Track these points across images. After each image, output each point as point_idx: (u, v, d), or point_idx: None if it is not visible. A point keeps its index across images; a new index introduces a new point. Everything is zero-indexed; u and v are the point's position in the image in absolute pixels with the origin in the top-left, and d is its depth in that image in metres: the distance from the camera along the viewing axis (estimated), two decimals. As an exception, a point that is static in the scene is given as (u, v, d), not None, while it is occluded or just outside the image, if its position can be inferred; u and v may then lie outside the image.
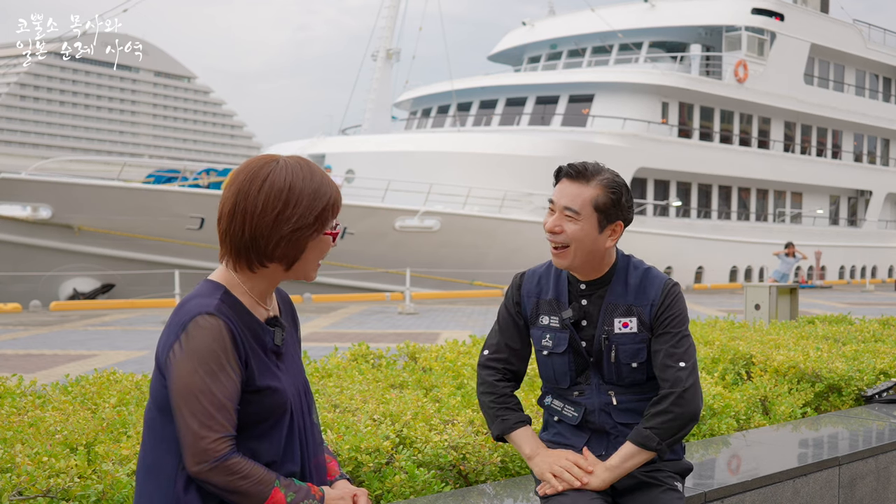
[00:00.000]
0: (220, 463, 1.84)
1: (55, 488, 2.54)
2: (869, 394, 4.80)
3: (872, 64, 36.95)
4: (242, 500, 1.89)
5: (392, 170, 24.14)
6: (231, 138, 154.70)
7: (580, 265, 2.52)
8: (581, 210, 2.47)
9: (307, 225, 1.95)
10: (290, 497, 1.91)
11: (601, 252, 2.51)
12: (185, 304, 1.94)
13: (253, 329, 1.98)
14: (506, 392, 2.64)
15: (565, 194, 2.50)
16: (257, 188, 1.94)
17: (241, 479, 1.86)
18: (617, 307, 2.53)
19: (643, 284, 2.55)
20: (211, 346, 1.86)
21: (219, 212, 2.01)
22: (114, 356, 10.27)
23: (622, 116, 28.09)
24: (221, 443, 1.85)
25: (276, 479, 1.91)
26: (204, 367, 1.85)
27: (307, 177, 1.97)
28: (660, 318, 2.51)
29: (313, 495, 1.96)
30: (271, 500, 1.89)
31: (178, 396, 1.86)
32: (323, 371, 4.44)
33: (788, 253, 24.56)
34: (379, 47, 30.79)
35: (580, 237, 2.47)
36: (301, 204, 1.94)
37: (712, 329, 6.34)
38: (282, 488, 1.91)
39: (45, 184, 19.41)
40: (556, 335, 2.58)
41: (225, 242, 1.99)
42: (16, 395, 3.70)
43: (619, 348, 2.52)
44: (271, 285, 2.05)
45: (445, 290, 22.85)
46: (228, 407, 1.87)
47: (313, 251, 2.00)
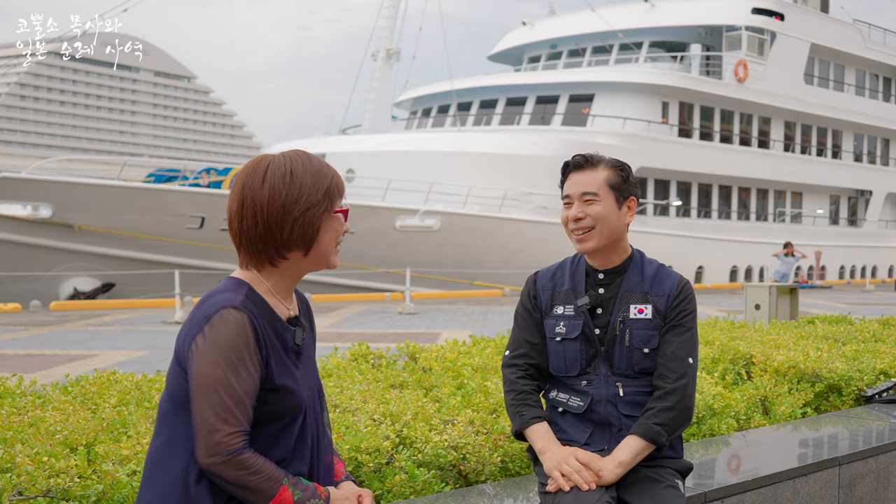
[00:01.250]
0: (233, 457, 1.85)
1: (55, 488, 2.54)
2: (869, 394, 4.80)
3: (872, 64, 36.95)
4: (251, 495, 1.89)
5: (392, 169, 24.14)
6: (231, 138, 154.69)
7: (604, 246, 2.63)
8: (599, 190, 2.62)
9: (317, 203, 1.99)
10: (297, 495, 1.92)
11: (622, 230, 2.64)
12: (210, 297, 1.95)
13: (275, 327, 2.00)
14: (525, 389, 2.69)
15: (580, 182, 2.64)
16: (260, 180, 1.98)
17: (251, 474, 1.87)
18: (633, 294, 2.64)
19: (659, 276, 2.66)
20: (234, 339, 1.88)
21: (228, 215, 2.03)
22: (114, 356, 10.27)
23: (622, 116, 28.10)
24: (235, 437, 1.86)
25: (285, 477, 1.92)
26: (226, 360, 1.87)
27: (306, 161, 2.02)
28: (675, 310, 2.62)
29: (319, 495, 1.97)
30: (279, 498, 1.90)
31: (197, 387, 1.87)
32: (323, 371, 4.44)
33: (787, 253, 24.57)
34: (379, 47, 30.79)
35: (604, 215, 2.60)
36: (306, 184, 1.98)
37: (712, 329, 6.34)
38: (290, 486, 1.92)
39: (45, 183, 19.41)
40: (569, 322, 2.66)
41: (241, 243, 2.01)
42: (16, 395, 3.70)
43: (634, 333, 2.60)
44: (293, 280, 2.07)
45: (445, 290, 22.85)
46: (246, 402, 1.89)
47: (328, 232, 2.03)
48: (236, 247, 2.03)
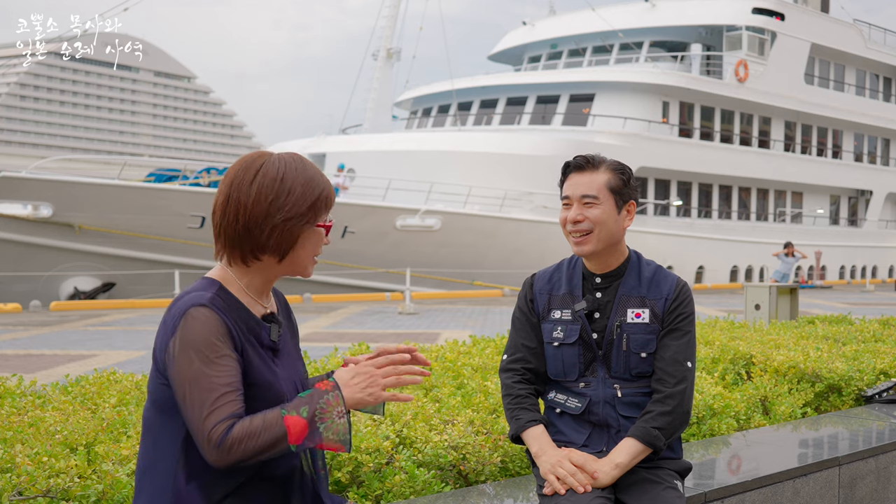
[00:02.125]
0: (224, 443, 1.81)
1: (55, 488, 2.54)
2: (869, 394, 4.80)
3: (873, 64, 36.94)
4: (270, 451, 1.84)
5: (393, 169, 24.14)
6: (231, 138, 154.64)
7: (602, 250, 2.61)
8: (599, 194, 2.60)
9: (300, 214, 1.97)
10: (304, 412, 1.87)
11: (620, 234, 2.63)
12: (179, 299, 1.95)
13: (248, 324, 1.98)
14: (521, 393, 2.69)
15: (580, 184, 2.62)
16: (250, 179, 1.96)
17: (249, 440, 1.82)
18: (630, 298, 2.62)
19: (656, 279, 2.65)
20: (205, 335, 1.87)
21: (213, 205, 2.02)
22: (114, 356, 10.27)
23: (623, 116, 28.09)
24: (221, 426, 1.83)
25: (282, 409, 1.87)
26: (199, 356, 1.85)
27: (300, 168, 2.00)
28: (672, 313, 2.61)
29: (326, 390, 1.91)
30: (291, 431, 1.84)
31: (180, 390, 1.86)
32: (323, 371, 4.44)
33: (788, 253, 24.58)
34: (379, 47, 30.80)
35: (603, 219, 2.58)
36: (294, 193, 1.96)
37: (712, 329, 6.34)
38: (291, 412, 1.86)
39: (45, 182, 19.40)
40: (567, 327, 2.65)
41: (220, 236, 2.00)
42: (16, 395, 3.70)
43: (631, 337, 2.59)
44: (267, 281, 2.05)
45: (445, 290, 22.84)
46: (228, 391, 1.85)
47: (306, 244, 2.01)
48: (214, 237, 2.02)
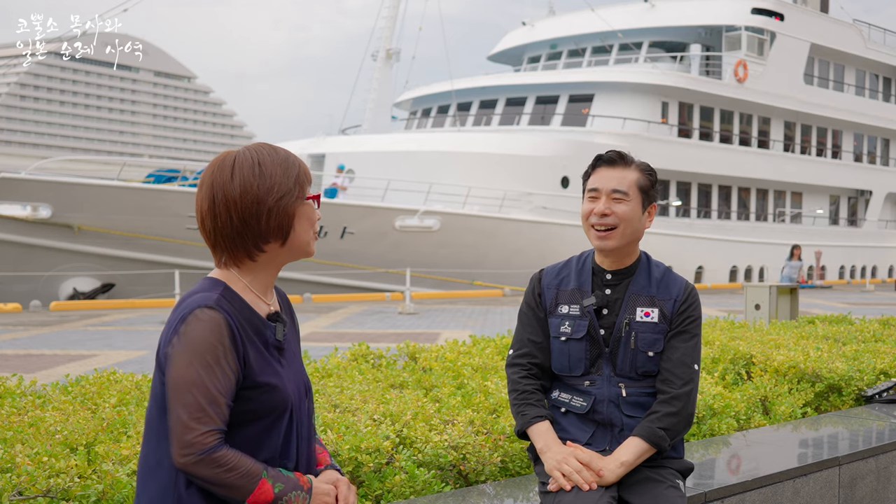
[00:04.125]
0: (206, 456, 1.83)
1: (55, 488, 2.54)
2: (869, 394, 4.80)
3: (872, 64, 36.93)
4: (230, 492, 1.88)
5: (392, 169, 24.12)
6: (231, 138, 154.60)
7: (622, 247, 2.63)
8: (629, 191, 2.62)
9: (288, 191, 1.98)
10: (277, 487, 1.91)
11: (640, 234, 2.65)
12: (185, 299, 1.95)
13: (254, 324, 1.98)
14: (527, 389, 2.69)
15: (612, 178, 2.63)
16: (229, 175, 1.97)
17: (226, 471, 1.85)
18: (640, 297, 2.64)
19: (665, 280, 2.66)
20: (208, 338, 1.87)
21: (198, 215, 2.00)
22: (114, 356, 10.27)
23: (622, 116, 28.09)
24: (209, 436, 1.84)
25: (264, 471, 1.90)
26: (199, 359, 1.85)
27: (271, 152, 2.02)
28: (681, 315, 2.63)
29: (301, 486, 1.95)
30: (258, 491, 1.88)
31: (173, 388, 1.86)
32: (323, 371, 4.44)
33: (795, 256, 24.72)
34: (379, 47, 30.78)
35: (629, 217, 2.60)
36: (276, 174, 1.98)
37: (712, 329, 6.34)
38: (269, 479, 1.90)
39: (45, 183, 19.39)
40: (575, 322, 2.66)
41: (217, 241, 1.99)
42: (16, 395, 3.70)
43: (639, 336, 2.60)
44: (272, 274, 2.05)
45: (445, 290, 22.84)
46: (220, 401, 1.87)
47: (302, 219, 2.02)
48: (210, 246, 2.00)
